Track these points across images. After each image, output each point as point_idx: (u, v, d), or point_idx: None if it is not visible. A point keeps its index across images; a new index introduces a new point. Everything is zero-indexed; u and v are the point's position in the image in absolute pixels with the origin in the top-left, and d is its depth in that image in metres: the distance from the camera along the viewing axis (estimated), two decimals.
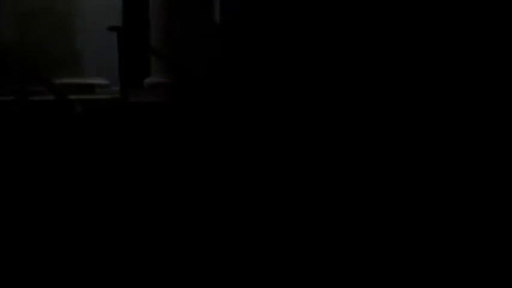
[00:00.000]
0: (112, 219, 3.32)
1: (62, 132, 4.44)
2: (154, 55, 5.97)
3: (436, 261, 2.42)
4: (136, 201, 3.56)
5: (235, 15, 10.03)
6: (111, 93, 7.28)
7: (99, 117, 5.06)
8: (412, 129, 3.98)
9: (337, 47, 4.72)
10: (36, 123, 4.34)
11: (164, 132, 4.86)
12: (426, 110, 4.08)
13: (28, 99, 4.48)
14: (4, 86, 5.84)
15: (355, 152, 3.85)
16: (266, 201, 3.35)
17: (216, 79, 6.16)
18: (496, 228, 2.76)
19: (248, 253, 2.68)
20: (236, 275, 2.52)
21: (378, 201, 3.20)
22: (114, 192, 3.67)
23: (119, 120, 5.36)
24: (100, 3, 7.66)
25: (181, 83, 5.85)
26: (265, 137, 4.42)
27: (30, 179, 3.72)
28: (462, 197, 3.11)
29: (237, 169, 3.87)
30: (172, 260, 2.72)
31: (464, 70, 4.10)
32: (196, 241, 2.91)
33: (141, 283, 2.57)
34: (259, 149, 4.08)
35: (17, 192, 3.57)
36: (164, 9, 6.19)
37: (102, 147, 4.30)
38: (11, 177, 3.73)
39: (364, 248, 2.60)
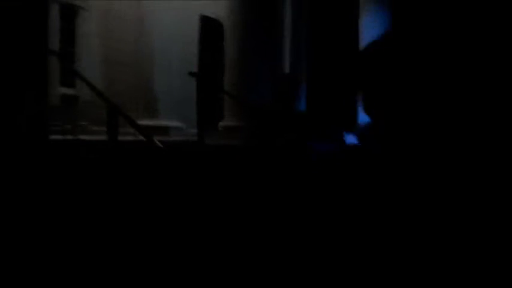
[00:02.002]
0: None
1: (146, 169, 4.70)
2: (229, 97, 6.25)
3: None
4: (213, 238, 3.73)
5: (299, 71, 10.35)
6: (183, 135, 7.64)
7: (177, 157, 5.32)
8: None
9: None
10: (126, 160, 4.63)
11: (239, 174, 5.05)
12: None
13: (116, 139, 4.79)
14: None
15: None
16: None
17: (286, 123, 6.37)
18: None
19: None
20: None
21: None
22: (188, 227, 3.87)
23: (196, 161, 5.60)
24: (176, 50, 8.15)
25: (254, 126, 6.07)
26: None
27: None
28: None
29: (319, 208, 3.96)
30: None
31: None
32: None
33: None
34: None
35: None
36: (239, 55, 6.50)
37: (183, 184, 4.52)
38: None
39: None
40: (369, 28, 9.06)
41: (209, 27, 8.88)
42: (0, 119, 4.27)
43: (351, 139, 8.55)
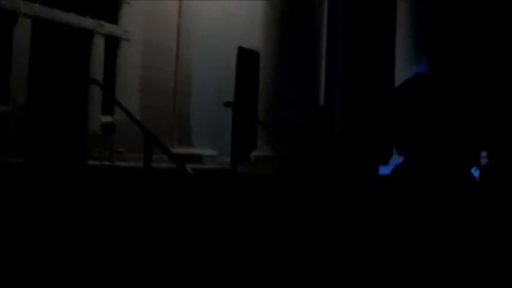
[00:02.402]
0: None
1: (177, 196, 4.82)
2: (262, 127, 6.35)
3: None
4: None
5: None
6: (217, 163, 7.75)
7: (208, 185, 5.43)
8: None
9: None
10: (159, 187, 4.77)
11: (269, 202, 5.11)
12: None
13: (150, 166, 4.93)
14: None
15: None
16: None
17: (321, 152, 6.39)
18: None
19: None
20: None
21: None
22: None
23: (226, 188, 5.69)
24: (213, 80, 8.32)
25: (286, 157, 6.13)
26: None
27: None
28: None
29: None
30: None
31: None
32: None
33: None
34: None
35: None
36: (274, 85, 6.61)
37: (213, 211, 4.60)
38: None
39: None
40: (404, 70, 9.17)
41: (246, 57, 9.06)
42: (44, 144, 4.48)
43: (384, 171, 8.53)
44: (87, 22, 7.53)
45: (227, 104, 5.88)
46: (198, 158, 7.78)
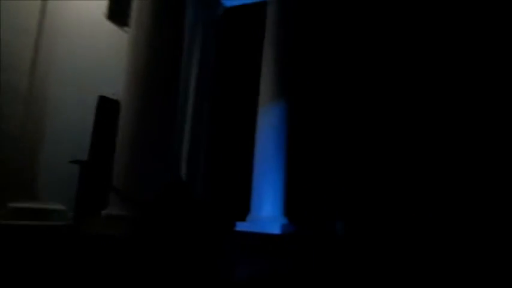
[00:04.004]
0: None
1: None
2: (113, 191, 6.01)
3: None
4: None
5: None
6: (66, 219, 7.14)
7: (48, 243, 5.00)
8: None
9: None
10: None
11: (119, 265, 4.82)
12: None
13: None
14: None
15: None
16: None
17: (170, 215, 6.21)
18: None
19: None
20: None
21: None
22: None
23: (68, 249, 5.27)
24: (69, 131, 7.82)
25: (137, 217, 5.86)
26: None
27: None
28: None
29: None
30: None
31: None
32: None
33: None
34: None
35: None
36: (129, 149, 6.33)
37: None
38: None
39: None
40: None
41: (107, 108, 8.73)
42: None
43: (243, 226, 8.73)
44: None
45: (74, 162, 5.48)
46: (44, 213, 7.12)
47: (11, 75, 7.38)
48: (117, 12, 9.25)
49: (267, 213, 9.13)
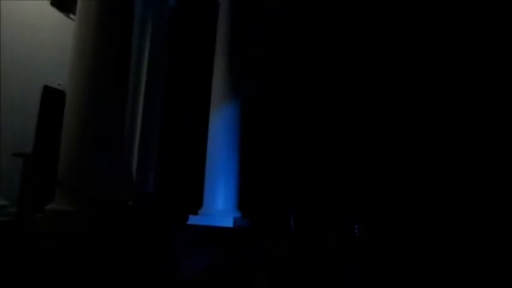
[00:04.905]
0: None
1: None
2: (59, 184, 5.77)
3: None
4: None
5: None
6: (8, 215, 6.84)
7: None
8: None
9: None
10: None
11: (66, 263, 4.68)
12: None
13: None
14: None
15: None
16: None
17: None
18: None
19: None
20: None
21: None
22: None
23: (10, 246, 5.06)
24: (10, 127, 7.50)
25: (84, 212, 5.67)
26: None
27: None
28: None
29: None
30: None
31: None
32: None
33: None
34: None
35: None
36: (76, 141, 6.07)
37: None
38: None
39: None
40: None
41: (52, 98, 8.41)
42: None
43: (195, 220, 8.69)
44: None
45: (18, 155, 5.24)
46: None
47: None
48: None
49: (219, 207, 9.08)
